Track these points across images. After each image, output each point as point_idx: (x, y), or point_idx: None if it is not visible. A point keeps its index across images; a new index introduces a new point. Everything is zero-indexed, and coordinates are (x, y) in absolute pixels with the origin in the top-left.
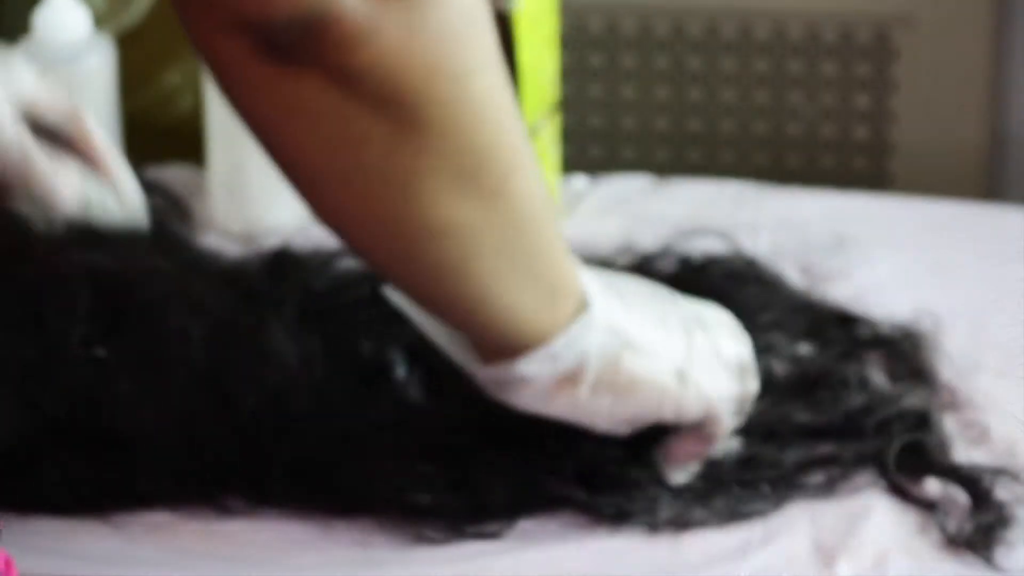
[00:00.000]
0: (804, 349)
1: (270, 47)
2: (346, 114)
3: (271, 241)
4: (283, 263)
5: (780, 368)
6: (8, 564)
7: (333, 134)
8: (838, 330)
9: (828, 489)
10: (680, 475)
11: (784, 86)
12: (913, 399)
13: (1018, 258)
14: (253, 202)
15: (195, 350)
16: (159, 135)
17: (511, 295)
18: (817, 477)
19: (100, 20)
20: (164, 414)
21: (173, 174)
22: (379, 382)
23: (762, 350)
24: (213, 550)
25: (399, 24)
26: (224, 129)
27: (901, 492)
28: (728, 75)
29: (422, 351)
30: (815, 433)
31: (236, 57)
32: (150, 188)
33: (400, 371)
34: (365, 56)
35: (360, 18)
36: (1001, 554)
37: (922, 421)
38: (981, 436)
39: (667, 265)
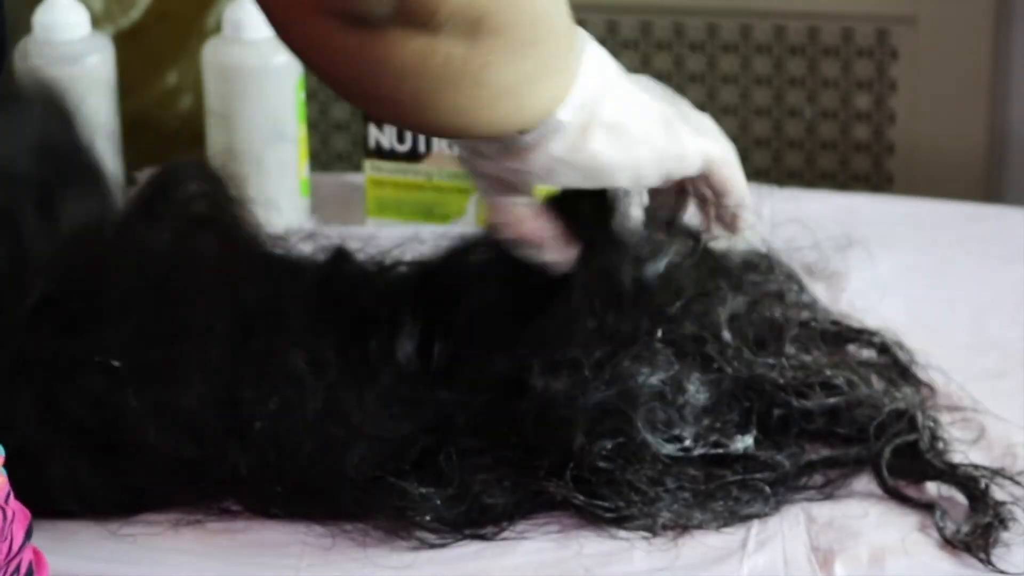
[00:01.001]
0: (803, 351)
1: (361, 22)
2: (429, 49)
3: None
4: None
5: (777, 371)
6: (38, 556)
7: (415, 68)
8: (836, 333)
9: (826, 491)
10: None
11: (784, 86)
12: (910, 401)
13: (1018, 258)
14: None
15: (214, 351)
16: (159, 135)
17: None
18: (815, 479)
19: (100, 20)
20: (174, 429)
21: None
22: (381, 383)
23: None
24: (213, 550)
25: None
26: (224, 130)
27: (897, 495)
28: (728, 75)
29: (426, 355)
30: (813, 435)
31: (324, 33)
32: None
33: (402, 371)
34: (448, 6)
35: None
36: (998, 555)
37: (919, 423)
38: (979, 437)
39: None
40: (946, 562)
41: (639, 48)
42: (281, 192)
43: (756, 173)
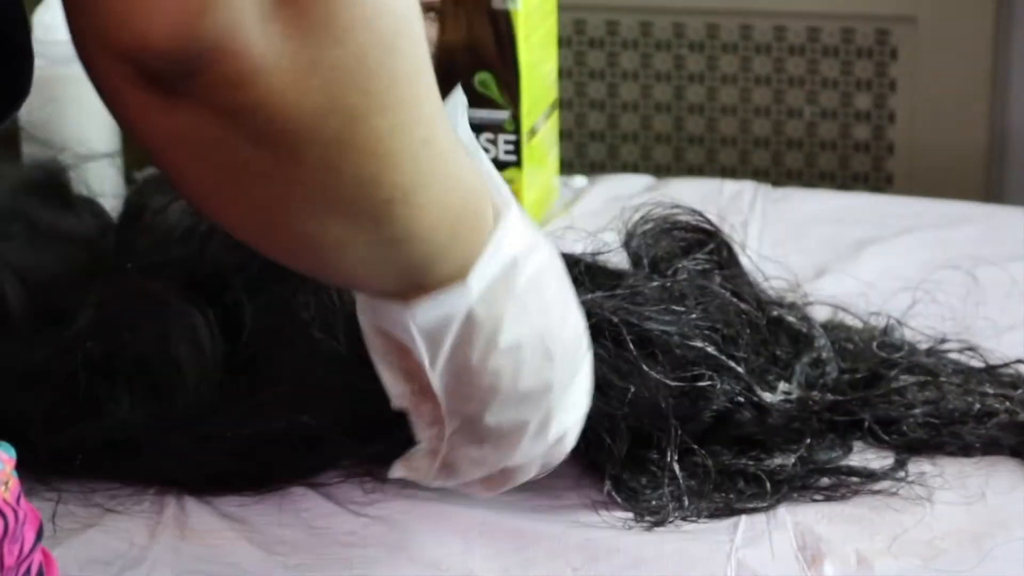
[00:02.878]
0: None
1: (151, 78)
2: (225, 144)
3: None
4: None
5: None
6: (48, 557)
7: (212, 159)
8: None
9: (827, 492)
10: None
11: (784, 86)
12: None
13: (1018, 258)
14: None
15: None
16: None
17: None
18: (819, 481)
19: None
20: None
21: None
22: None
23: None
24: (212, 550)
25: (295, 61)
26: None
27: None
28: (728, 75)
29: None
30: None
31: (118, 83)
32: None
33: None
34: (253, 94)
35: (255, 54)
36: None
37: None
38: None
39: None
40: (935, 563)
41: (639, 48)
42: None
43: (756, 173)
